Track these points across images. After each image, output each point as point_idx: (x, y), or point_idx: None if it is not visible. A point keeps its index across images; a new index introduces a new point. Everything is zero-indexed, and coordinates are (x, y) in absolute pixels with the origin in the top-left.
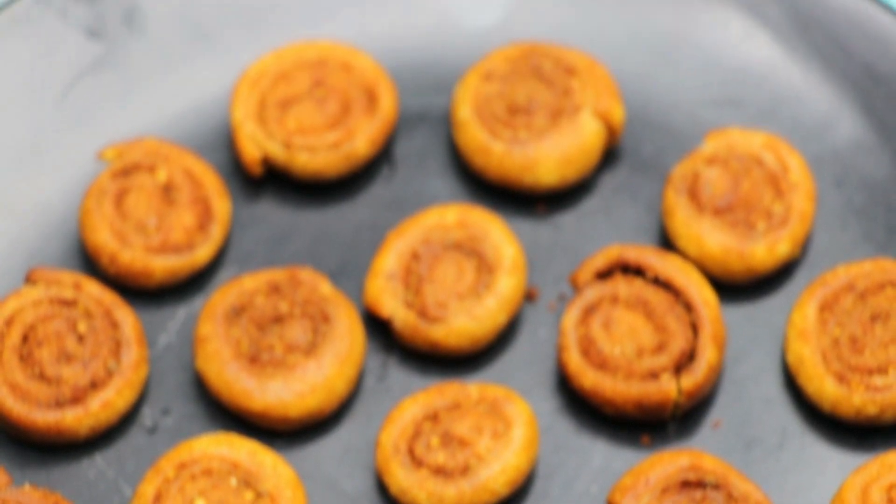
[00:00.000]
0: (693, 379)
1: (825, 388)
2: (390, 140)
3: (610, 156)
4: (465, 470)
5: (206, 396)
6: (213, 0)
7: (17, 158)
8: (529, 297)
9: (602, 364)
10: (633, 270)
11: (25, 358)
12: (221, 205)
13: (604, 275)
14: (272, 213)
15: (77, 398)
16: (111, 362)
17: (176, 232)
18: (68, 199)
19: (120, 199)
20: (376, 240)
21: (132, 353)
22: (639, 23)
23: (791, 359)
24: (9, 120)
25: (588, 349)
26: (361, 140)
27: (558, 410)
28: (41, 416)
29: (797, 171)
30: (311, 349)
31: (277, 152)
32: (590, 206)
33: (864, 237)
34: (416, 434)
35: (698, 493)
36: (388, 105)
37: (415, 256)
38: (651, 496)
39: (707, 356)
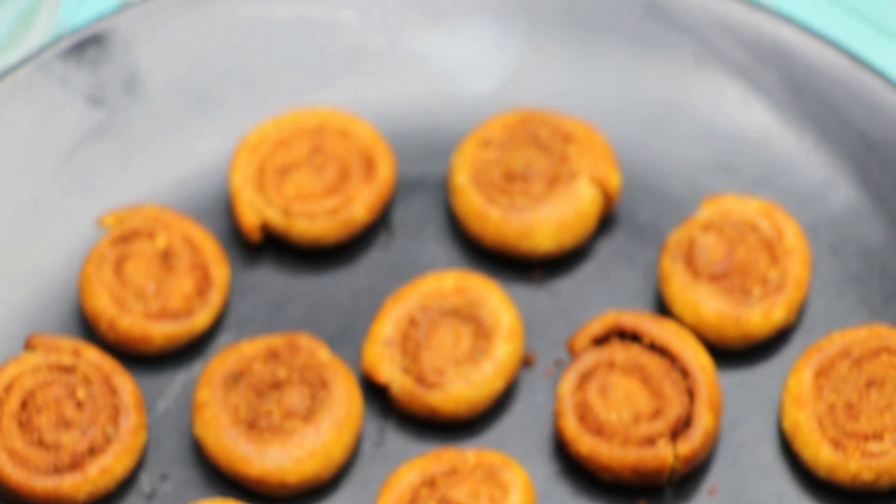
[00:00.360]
0: (689, 445)
1: (821, 454)
2: (388, 206)
3: (606, 222)
4: None
5: (205, 462)
6: (213, 68)
7: (17, 224)
8: (526, 362)
9: (599, 430)
10: (629, 336)
11: (24, 424)
12: (220, 271)
13: (600, 340)
14: (270, 279)
15: (75, 464)
16: (109, 428)
17: (175, 298)
18: (68, 266)
19: (119, 265)
20: (374, 306)
21: (130, 419)
22: (635, 90)
23: (787, 425)
24: (9, 186)
25: (585, 415)
26: (359, 206)
27: (555, 476)
28: (39, 483)
29: (792, 237)
30: (308, 415)
31: (276, 218)
32: (586, 271)
33: (860, 303)
34: (414, 500)
35: None
36: (385, 172)
37: (412, 322)
38: None
39: (703, 422)
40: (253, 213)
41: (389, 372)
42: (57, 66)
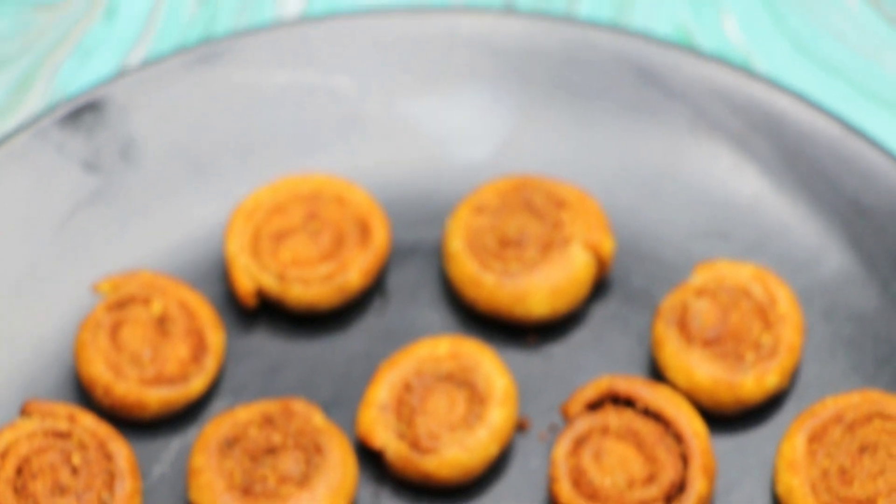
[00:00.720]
0: None
1: None
2: (383, 272)
3: (600, 287)
4: None
5: None
6: (208, 134)
7: (13, 290)
8: (521, 427)
9: (593, 495)
10: (623, 401)
11: (20, 490)
12: (215, 336)
13: (594, 406)
14: (266, 344)
15: None
16: (105, 494)
17: (170, 364)
18: (64, 331)
19: (115, 331)
20: (369, 371)
21: (126, 486)
22: (628, 157)
23: (780, 490)
24: (5, 252)
25: (579, 480)
26: (354, 272)
27: None
28: None
29: (785, 303)
30: (303, 480)
31: (271, 284)
32: (580, 337)
33: (853, 369)
34: None
35: None
36: (380, 237)
37: (407, 388)
38: None
39: (697, 487)
40: (248, 278)
41: (384, 437)
42: (53, 132)
